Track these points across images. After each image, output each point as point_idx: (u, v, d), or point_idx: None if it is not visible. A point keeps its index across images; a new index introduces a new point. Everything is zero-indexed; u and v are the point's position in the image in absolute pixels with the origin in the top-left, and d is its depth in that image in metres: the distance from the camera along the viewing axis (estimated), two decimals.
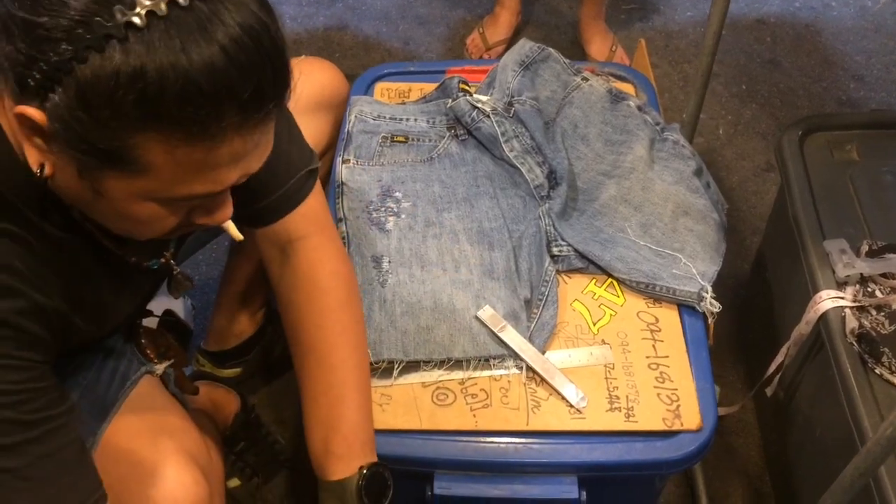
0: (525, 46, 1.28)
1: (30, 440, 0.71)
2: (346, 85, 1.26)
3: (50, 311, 0.75)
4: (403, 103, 1.30)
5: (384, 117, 1.25)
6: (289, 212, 0.95)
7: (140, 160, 0.64)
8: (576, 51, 2.05)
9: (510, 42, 2.07)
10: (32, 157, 0.68)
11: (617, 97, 1.26)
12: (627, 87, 1.33)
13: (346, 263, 1.00)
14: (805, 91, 1.97)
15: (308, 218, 0.96)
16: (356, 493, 0.87)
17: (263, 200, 0.93)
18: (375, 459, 0.91)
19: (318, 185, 0.98)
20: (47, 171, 0.68)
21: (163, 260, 0.90)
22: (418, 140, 1.22)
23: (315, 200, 0.97)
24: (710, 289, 1.04)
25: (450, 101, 1.21)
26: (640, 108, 1.24)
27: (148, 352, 0.98)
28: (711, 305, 1.03)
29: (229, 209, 0.76)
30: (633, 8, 2.20)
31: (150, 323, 1.09)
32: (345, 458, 0.89)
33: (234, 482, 1.31)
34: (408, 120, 1.25)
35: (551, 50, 1.29)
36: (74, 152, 0.64)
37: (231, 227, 0.80)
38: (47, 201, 0.73)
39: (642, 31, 2.12)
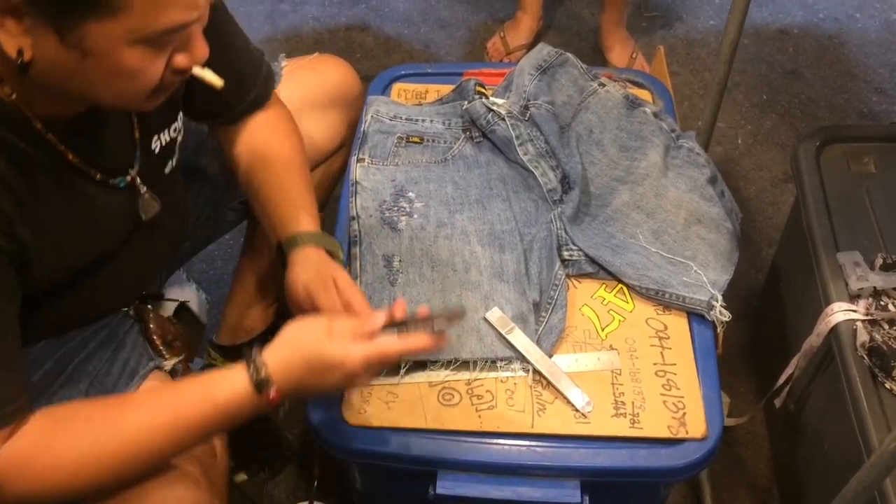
0: (543, 51, 1.29)
1: None
2: (359, 83, 1.28)
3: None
4: (420, 104, 1.31)
5: (400, 118, 1.25)
6: (257, 110, 1.06)
7: None
8: (596, 57, 2.05)
9: (531, 47, 2.06)
10: (9, 45, 0.69)
11: (633, 103, 1.25)
12: (644, 94, 1.32)
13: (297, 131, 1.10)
14: (826, 102, 1.95)
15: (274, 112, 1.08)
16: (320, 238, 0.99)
17: (236, 107, 1.05)
18: None
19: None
20: (27, 55, 0.69)
21: (128, 178, 0.90)
22: (433, 141, 1.22)
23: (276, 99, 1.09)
24: (720, 297, 1.03)
25: (466, 103, 1.21)
26: (655, 115, 1.23)
27: (154, 337, 0.99)
28: (721, 314, 1.03)
29: (205, 47, 0.78)
30: (655, 15, 2.20)
31: (164, 312, 1.10)
32: (313, 217, 1.01)
33: (242, 477, 1.33)
34: (423, 121, 1.25)
35: (569, 55, 1.29)
36: (52, 11, 0.67)
37: (208, 74, 0.83)
38: (9, 113, 0.75)
39: (664, 39, 2.12)
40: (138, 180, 0.91)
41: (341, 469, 1.10)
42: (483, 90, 1.22)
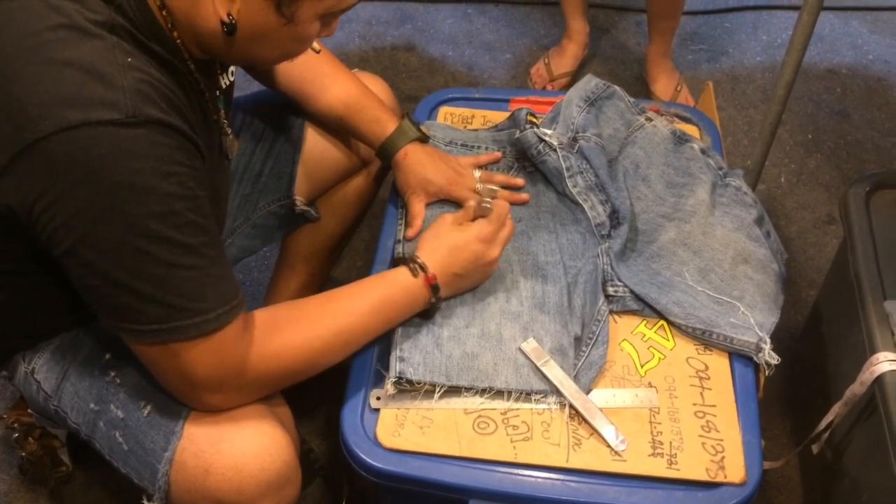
0: (591, 82, 1.28)
1: (206, 243, 0.80)
2: (394, 98, 1.30)
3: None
4: (469, 129, 1.31)
5: (456, 143, 1.26)
6: None
7: None
8: (640, 87, 2.05)
9: (575, 74, 2.07)
10: (222, 9, 0.79)
11: (680, 139, 1.25)
12: (692, 129, 1.32)
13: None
14: (873, 145, 1.93)
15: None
16: (411, 123, 1.16)
17: None
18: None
19: None
20: (236, 17, 0.80)
21: (222, 117, 0.99)
22: (486, 168, 1.22)
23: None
24: (768, 340, 1.02)
25: (518, 132, 1.21)
26: (703, 152, 1.23)
27: None
28: (770, 357, 1.01)
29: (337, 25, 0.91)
30: (701, 49, 2.19)
31: None
32: (391, 116, 1.16)
33: None
34: (478, 148, 1.26)
35: (616, 87, 1.29)
36: None
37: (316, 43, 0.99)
38: (179, 53, 0.84)
39: (709, 73, 2.11)
40: (224, 120, 0.99)
41: (370, 490, 1.10)
42: (534, 119, 1.22)
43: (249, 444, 0.88)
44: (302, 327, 0.90)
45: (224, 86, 0.99)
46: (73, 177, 0.73)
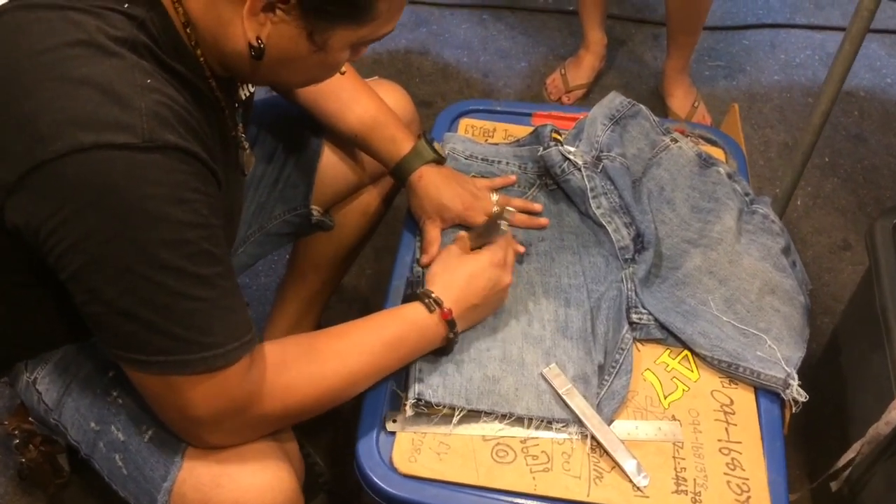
0: (615, 100, 1.26)
1: (219, 274, 0.76)
2: (413, 107, 1.28)
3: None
4: (489, 143, 1.28)
5: (476, 158, 1.23)
6: None
7: (375, 9, 0.76)
8: (656, 101, 2.02)
9: (591, 86, 2.05)
10: (252, 32, 0.76)
11: (706, 162, 1.22)
12: (717, 152, 1.29)
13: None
14: (890, 170, 1.91)
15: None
16: (427, 144, 1.14)
17: None
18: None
19: None
20: (265, 41, 0.77)
21: (240, 133, 0.96)
22: (502, 192, 1.19)
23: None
24: (796, 376, 1.00)
25: (541, 148, 1.19)
26: (729, 176, 1.20)
27: None
28: (798, 394, 0.99)
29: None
30: (719, 65, 2.17)
31: None
32: (407, 135, 1.14)
33: None
34: (499, 163, 1.23)
35: (641, 106, 1.26)
36: (319, 16, 0.75)
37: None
38: (201, 72, 0.82)
39: (726, 91, 2.09)
40: (241, 134, 0.96)
41: None
42: (559, 137, 1.19)
43: (250, 480, 0.85)
44: (310, 366, 0.87)
45: (243, 97, 0.96)
46: (83, 200, 0.70)
